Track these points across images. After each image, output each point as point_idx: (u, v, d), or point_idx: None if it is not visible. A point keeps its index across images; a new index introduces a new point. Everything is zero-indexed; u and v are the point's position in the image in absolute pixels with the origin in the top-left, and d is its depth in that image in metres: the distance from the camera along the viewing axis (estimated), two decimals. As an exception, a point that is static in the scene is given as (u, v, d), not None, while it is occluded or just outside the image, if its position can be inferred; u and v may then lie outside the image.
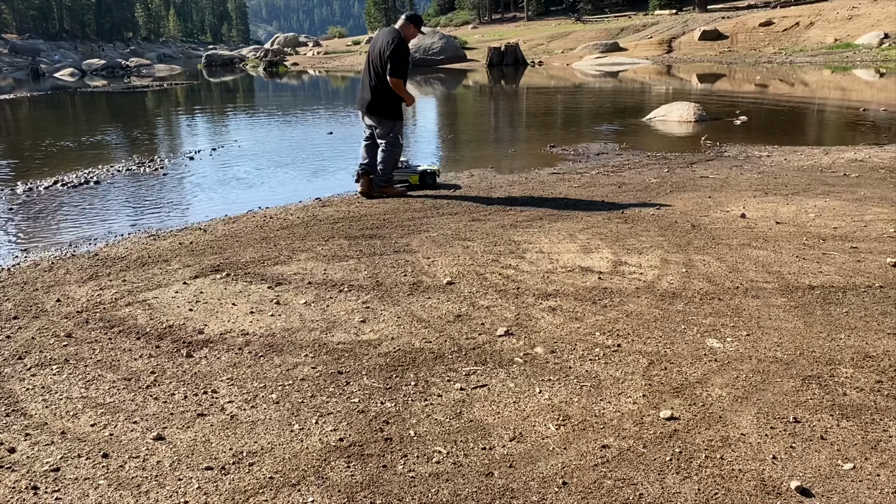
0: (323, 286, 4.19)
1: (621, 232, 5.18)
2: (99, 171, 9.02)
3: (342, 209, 6.35)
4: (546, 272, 4.30)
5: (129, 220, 6.71)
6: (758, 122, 12.35)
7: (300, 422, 2.66)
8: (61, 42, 79.40)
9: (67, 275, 4.63)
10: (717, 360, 3.07)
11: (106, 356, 3.29)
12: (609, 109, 15.91)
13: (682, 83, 23.40)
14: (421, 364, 3.11)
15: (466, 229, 5.43)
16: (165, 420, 2.69)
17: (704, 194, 6.41)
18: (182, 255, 4.96)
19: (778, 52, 32.37)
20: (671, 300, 3.79)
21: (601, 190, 6.77)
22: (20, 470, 2.39)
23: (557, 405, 2.70)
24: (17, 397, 2.91)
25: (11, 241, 6.05)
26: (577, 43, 41.54)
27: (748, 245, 4.77)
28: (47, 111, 21.65)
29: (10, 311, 3.93)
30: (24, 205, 7.38)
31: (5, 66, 55.26)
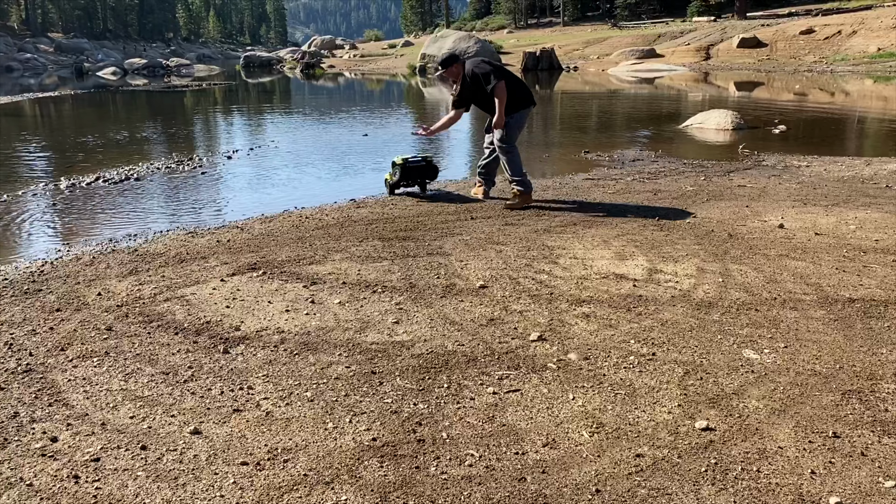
0: (357, 286, 4.22)
1: (657, 239, 5.13)
2: (139, 169, 9.19)
3: (376, 210, 6.39)
4: (580, 278, 4.29)
5: (167, 216, 6.82)
6: (797, 131, 12.16)
7: (334, 420, 2.68)
8: (104, 41, 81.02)
9: (108, 269, 4.73)
10: (754, 371, 3.03)
11: (145, 350, 3.35)
12: (645, 116, 15.79)
13: (719, 91, 23.12)
14: (454, 367, 3.12)
15: (500, 233, 5.43)
16: (202, 414, 2.73)
17: (742, 203, 6.33)
18: (220, 253, 5.03)
19: (819, 61, 31.82)
20: (707, 310, 3.75)
21: (636, 197, 6.72)
22: (62, 459, 2.44)
23: (591, 412, 2.69)
24: (59, 388, 2.98)
25: (54, 236, 6.19)
26: (613, 49, 41.27)
27: (786, 256, 4.70)
28: (90, 109, 22.12)
29: (53, 304, 4.02)
30: (67, 200, 7.55)
31: (51, 65, 56.58)
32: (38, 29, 78.22)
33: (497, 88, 6.15)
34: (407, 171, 6.91)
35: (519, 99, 6.35)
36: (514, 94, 6.30)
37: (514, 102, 6.31)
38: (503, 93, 6.16)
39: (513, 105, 6.30)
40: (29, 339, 3.50)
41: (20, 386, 3.00)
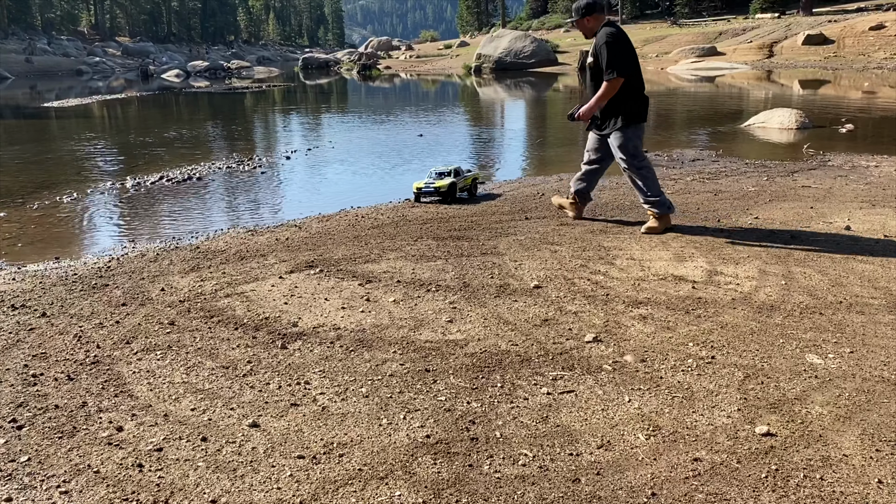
0: (411, 285, 4.25)
1: (716, 241, 5.02)
2: (201, 168, 9.43)
3: (430, 210, 6.42)
4: (637, 279, 4.22)
5: (228, 215, 6.99)
6: (865, 130, 11.74)
7: (388, 416, 2.70)
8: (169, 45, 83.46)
9: (171, 266, 4.87)
10: (817, 376, 2.93)
11: (206, 344, 3.44)
12: (705, 114, 15.47)
13: (782, 89, 22.49)
14: (507, 366, 3.11)
15: (554, 233, 5.39)
16: (260, 408, 2.79)
17: (806, 204, 6.14)
18: (278, 251, 5.13)
19: (890, 58, 30.63)
20: (769, 313, 3.65)
21: (696, 197, 6.59)
22: (126, 448, 2.53)
23: (647, 415, 2.65)
24: (124, 379, 3.08)
25: (120, 233, 6.41)
26: (673, 47, 40.54)
27: (853, 258, 4.54)
28: (154, 110, 22.81)
29: (119, 298, 4.16)
30: (132, 198, 7.80)
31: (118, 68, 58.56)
32: (106, 33, 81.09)
33: (609, 84, 5.13)
34: (417, 197, 6.79)
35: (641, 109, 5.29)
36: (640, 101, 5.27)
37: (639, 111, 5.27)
38: (612, 91, 5.16)
39: (638, 113, 5.27)
40: (97, 332, 3.63)
41: (88, 377, 3.11)
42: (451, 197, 6.69)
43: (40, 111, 22.46)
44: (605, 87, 5.15)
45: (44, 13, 73.83)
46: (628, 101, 5.22)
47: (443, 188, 6.68)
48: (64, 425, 2.69)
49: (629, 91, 5.20)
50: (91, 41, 74.87)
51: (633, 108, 5.24)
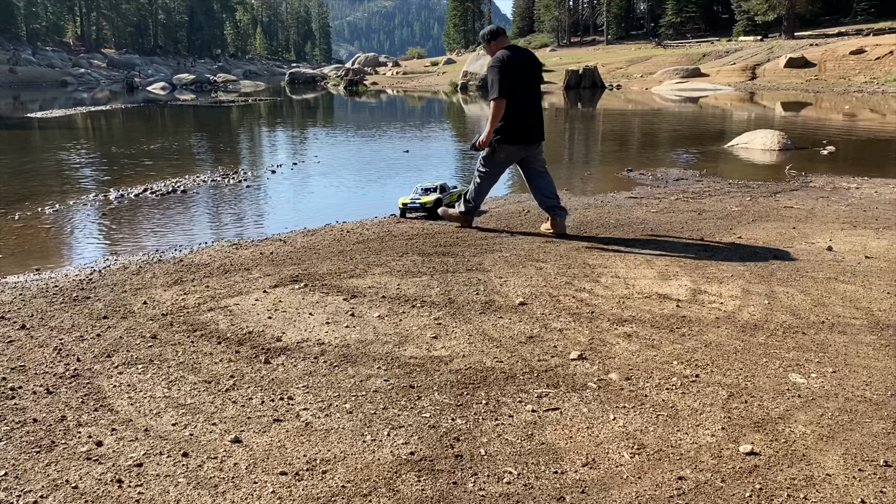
0: (396, 300, 4.23)
1: (700, 260, 5.06)
2: (185, 181, 9.39)
3: (416, 226, 6.42)
4: (622, 297, 4.24)
5: (212, 228, 6.95)
6: (846, 152, 11.90)
7: (372, 433, 2.68)
8: (155, 57, 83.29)
9: (154, 279, 4.82)
10: (800, 396, 2.95)
11: (188, 358, 3.40)
12: (688, 135, 15.62)
13: (765, 110, 22.78)
14: (492, 383, 3.10)
15: (540, 250, 5.40)
16: (243, 424, 2.76)
17: (789, 225, 6.20)
18: (262, 265, 5.10)
19: (869, 82, 31.16)
20: (752, 332, 3.67)
21: (680, 216, 6.64)
22: (106, 463, 2.48)
23: (632, 433, 2.65)
24: (104, 393, 3.04)
25: (103, 245, 6.34)
26: (657, 67, 41.00)
27: (835, 279, 4.58)
28: (139, 122, 22.71)
29: (101, 311, 4.11)
30: (116, 210, 7.74)
31: (103, 79, 58.32)
32: (92, 45, 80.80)
33: (494, 104, 5.55)
34: (403, 213, 6.84)
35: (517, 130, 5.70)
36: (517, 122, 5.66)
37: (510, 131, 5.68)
38: (499, 111, 5.56)
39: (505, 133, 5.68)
40: (77, 345, 3.59)
41: (68, 390, 3.07)
42: (436, 213, 6.69)
43: (23, 122, 22.30)
44: (490, 107, 5.68)
45: (29, 23, 73.48)
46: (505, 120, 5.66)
47: (428, 204, 6.70)
48: (42, 439, 2.64)
49: (508, 113, 5.63)
50: (76, 52, 74.57)
51: (502, 127, 5.69)
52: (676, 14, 66.05)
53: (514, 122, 5.66)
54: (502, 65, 5.57)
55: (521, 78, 5.68)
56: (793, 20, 48.61)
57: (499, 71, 5.55)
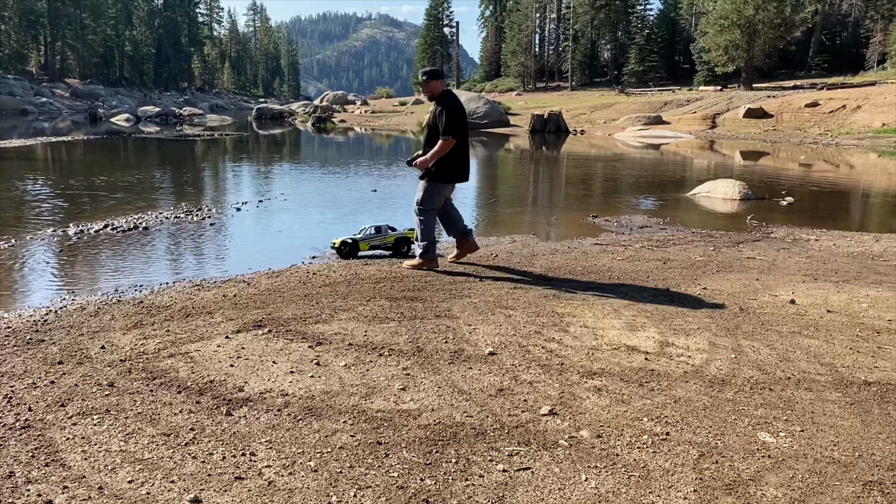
0: (363, 349, 4.16)
1: (667, 311, 5.08)
2: (148, 218, 9.22)
3: (384, 269, 6.36)
4: (591, 349, 4.22)
5: (174, 268, 6.80)
6: (804, 203, 12.21)
7: (338, 493, 2.59)
8: (120, 88, 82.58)
9: (113, 321, 4.67)
10: (770, 456, 2.94)
11: (146, 409, 3.27)
12: (651, 182, 15.90)
13: (724, 159, 23.34)
14: (462, 440, 3.04)
15: (509, 297, 5.38)
16: (203, 481, 2.65)
17: (752, 276, 6.29)
18: (225, 308, 4.98)
19: (823, 134, 32.22)
20: (720, 387, 3.67)
21: (645, 265, 6.69)
22: (55, 525, 2.35)
23: (604, 496, 2.60)
24: (57, 446, 2.90)
25: (60, 283, 6.16)
26: (620, 114, 41.89)
27: (799, 333, 4.63)
28: (101, 154, 22.36)
29: (56, 356, 3.96)
30: (74, 247, 7.54)
31: (66, 109, 57.58)
32: (55, 74, 79.83)
33: (445, 143, 5.97)
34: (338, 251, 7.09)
35: (460, 171, 6.21)
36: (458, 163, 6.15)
37: (454, 172, 6.18)
38: (446, 149, 6.00)
39: (450, 174, 6.17)
40: (29, 393, 3.44)
41: (17, 443, 2.92)
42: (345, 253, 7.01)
43: (-19, 150, 21.80)
44: (440, 145, 6.01)
45: (-9, 51, 72.46)
46: (445, 161, 6.09)
47: (335, 244, 7.08)
48: (-13, 498, 2.50)
49: (450, 154, 6.07)
50: (39, 81, 73.59)
51: (444, 169, 6.13)
52: (639, 63, 67.91)
53: (458, 163, 6.18)
54: (455, 110, 6.07)
55: (464, 123, 6.20)
56: (751, 72, 50.29)
57: (453, 116, 6.02)
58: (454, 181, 6.30)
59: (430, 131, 6.21)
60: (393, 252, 7.20)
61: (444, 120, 6.00)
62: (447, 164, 6.13)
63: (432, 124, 6.16)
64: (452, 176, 6.23)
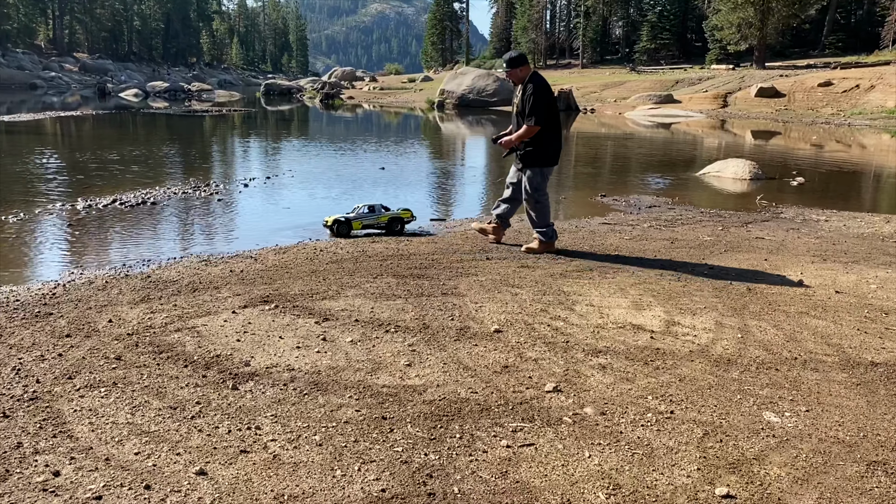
0: (369, 325, 4.17)
1: (674, 290, 5.06)
2: (156, 193, 9.23)
3: (391, 246, 6.36)
4: (596, 327, 4.22)
5: (182, 243, 6.82)
6: (815, 184, 12.11)
7: (342, 467, 2.61)
8: (129, 63, 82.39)
9: (120, 295, 4.70)
10: (775, 435, 2.94)
11: (153, 382, 3.30)
12: (661, 161, 15.79)
13: (735, 138, 23.16)
14: (466, 416, 3.05)
15: (515, 275, 5.37)
16: (208, 454, 2.66)
17: (760, 256, 6.26)
18: (232, 283, 5.00)
19: (836, 114, 31.88)
20: (726, 367, 3.67)
21: (653, 244, 6.66)
22: (63, 495, 2.38)
23: (608, 472, 2.60)
24: (64, 418, 2.92)
25: (68, 257, 6.18)
26: (631, 92, 41.54)
27: (806, 314, 4.61)
28: (110, 129, 22.37)
29: (64, 329, 3.99)
30: (83, 221, 7.57)
31: (74, 84, 57.52)
32: (64, 48, 79.67)
33: (529, 129, 5.95)
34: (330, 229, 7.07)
35: (556, 153, 6.19)
36: (556, 146, 6.13)
37: (553, 155, 6.16)
38: (530, 134, 5.98)
39: (550, 157, 6.14)
40: (37, 366, 3.46)
41: (25, 414, 2.95)
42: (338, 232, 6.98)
43: (-10, 124, 21.84)
44: (525, 129, 6.01)
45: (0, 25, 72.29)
46: (542, 146, 6.07)
47: (328, 223, 7.06)
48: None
49: (544, 138, 6.04)
50: (48, 56, 73.50)
51: (544, 153, 6.11)
52: (651, 41, 67.13)
53: (556, 146, 6.17)
54: (543, 94, 6.02)
55: (554, 106, 6.17)
56: (763, 51, 49.66)
57: (541, 100, 5.98)
58: (553, 164, 6.25)
59: (518, 114, 6.14)
60: (387, 231, 7.13)
61: (531, 104, 5.95)
62: (546, 148, 6.08)
63: (521, 105, 6.08)
64: (552, 158, 6.18)
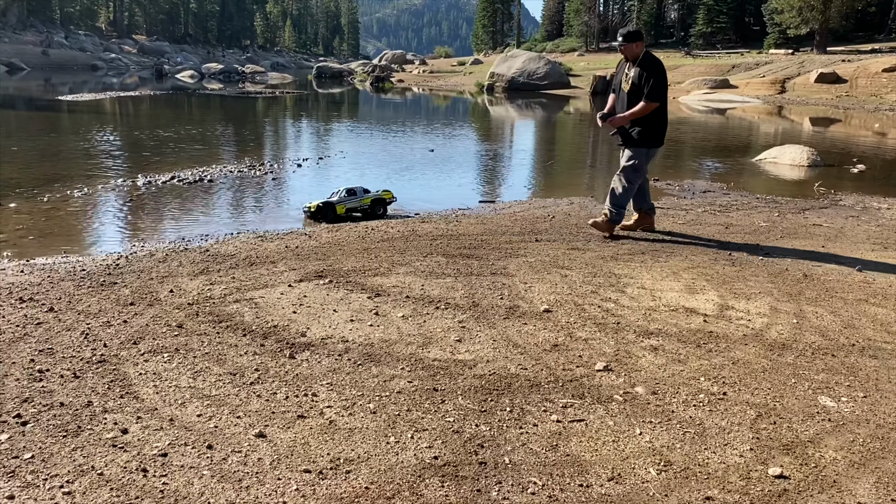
0: (420, 301, 4.22)
1: (728, 275, 5.00)
2: (212, 171, 9.44)
3: (440, 226, 6.40)
4: (648, 309, 4.20)
5: (238, 219, 6.98)
6: (876, 171, 11.72)
7: (396, 435, 2.67)
8: (184, 45, 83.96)
9: (180, 267, 4.85)
10: (830, 419, 2.90)
11: (213, 349, 3.41)
12: (716, 146, 15.48)
13: (793, 125, 22.53)
14: (516, 390, 3.08)
15: (565, 257, 5.37)
16: (267, 418, 2.76)
17: (818, 243, 6.12)
18: (288, 259, 5.11)
19: (901, 100, 30.70)
20: (781, 351, 3.62)
21: (707, 229, 6.57)
22: (131, 451, 2.49)
23: (658, 449, 2.61)
24: (130, 380, 3.05)
25: (130, 231, 6.39)
26: (686, 77, 40.67)
27: (865, 301, 4.51)
28: (167, 109, 22.88)
29: (127, 297, 4.14)
30: (143, 197, 7.80)
31: (133, 65, 58.87)
32: (123, 30, 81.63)
33: (647, 106, 5.81)
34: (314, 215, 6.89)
35: (662, 135, 6.05)
36: (663, 128, 6.01)
37: (659, 136, 6.03)
38: (646, 112, 5.84)
39: (657, 138, 6.01)
40: (104, 331, 3.61)
41: (94, 376, 3.08)
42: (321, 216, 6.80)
43: (53, 104, 22.57)
44: (641, 107, 5.85)
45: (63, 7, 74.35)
46: (653, 125, 5.95)
47: (312, 208, 6.86)
48: (69, 424, 2.66)
49: (656, 118, 5.94)
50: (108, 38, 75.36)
51: (654, 133, 5.98)
52: (707, 24, 65.51)
53: (663, 128, 6.05)
54: (661, 73, 5.91)
55: (666, 87, 6.03)
56: (825, 35, 48.03)
57: (660, 78, 5.87)
58: (660, 145, 6.12)
59: (631, 92, 5.96)
60: (370, 214, 7.08)
61: (651, 84, 5.82)
62: (654, 129, 5.98)
63: (637, 83, 5.89)
64: (658, 140, 6.06)
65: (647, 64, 5.90)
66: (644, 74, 5.85)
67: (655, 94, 5.82)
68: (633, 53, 5.99)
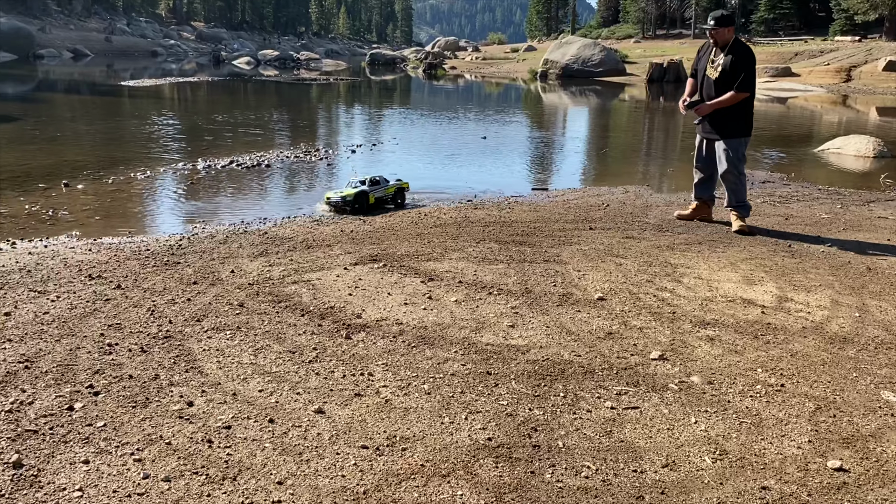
0: (473, 287, 4.26)
1: (787, 266, 4.90)
2: (269, 156, 9.62)
3: (493, 213, 6.42)
4: (704, 299, 4.15)
5: (295, 203, 7.11)
6: (947, 163, 11.27)
7: (450, 415, 2.71)
8: (241, 32, 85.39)
9: (240, 249, 4.98)
10: (893, 414, 2.84)
11: (273, 328, 3.51)
12: (776, 136, 15.08)
13: (858, 115, 21.78)
14: (570, 377, 3.09)
15: (619, 246, 5.33)
16: (326, 395, 2.83)
17: (883, 236, 5.94)
18: (343, 242, 5.20)
19: (975, 90, 29.38)
20: (842, 345, 3.55)
21: (766, 220, 6.43)
22: (197, 423, 2.59)
23: (714, 438, 2.60)
24: (195, 356, 3.16)
25: (191, 213, 6.58)
26: (745, 65, 39.61)
27: (932, 296, 4.37)
28: (224, 95, 23.34)
29: (190, 277, 4.27)
30: (203, 180, 8.01)
31: (191, 51, 60.13)
32: (182, 17, 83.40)
33: (737, 95, 5.70)
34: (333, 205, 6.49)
35: (751, 124, 5.96)
36: (749, 117, 5.91)
37: (751, 125, 5.95)
38: (735, 101, 5.73)
39: (749, 127, 5.93)
40: (169, 308, 3.74)
41: (161, 350, 3.21)
42: (357, 206, 6.39)
43: (116, 89, 23.24)
44: (730, 95, 5.75)
45: (126, -6, 76.33)
46: (744, 114, 5.88)
47: (349, 197, 6.38)
48: (137, 395, 2.78)
49: (747, 107, 5.87)
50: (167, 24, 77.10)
51: (746, 122, 5.92)
52: (769, 10, 63.59)
53: (751, 117, 5.97)
54: (754, 60, 5.82)
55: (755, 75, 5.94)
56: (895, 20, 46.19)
57: (753, 68, 5.80)
58: (750, 134, 6.04)
59: (719, 80, 5.82)
60: (392, 202, 6.80)
61: (745, 73, 5.72)
62: (746, 118, 5.90)
63: (727, 70, 5.74)
64: (750, 129, 5.99)
65: (738, 52, 5.78)
66: (737, 63, 5.73)
67: (746, 85, 5.72)
68: (724, 38, 5.85)
